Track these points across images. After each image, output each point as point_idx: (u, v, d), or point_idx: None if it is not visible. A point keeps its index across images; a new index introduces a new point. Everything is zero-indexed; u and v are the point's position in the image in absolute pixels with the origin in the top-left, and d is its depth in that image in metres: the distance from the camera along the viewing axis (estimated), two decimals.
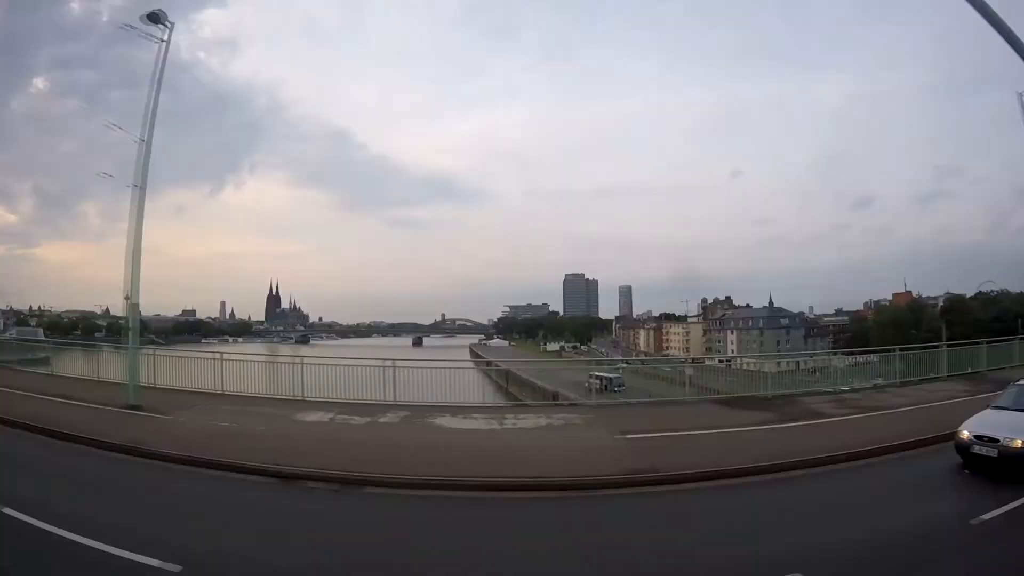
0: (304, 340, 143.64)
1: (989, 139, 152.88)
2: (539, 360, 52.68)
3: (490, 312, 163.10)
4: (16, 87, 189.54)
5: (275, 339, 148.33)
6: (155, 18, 12.38)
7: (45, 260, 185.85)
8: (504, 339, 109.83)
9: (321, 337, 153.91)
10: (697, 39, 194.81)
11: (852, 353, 28.59)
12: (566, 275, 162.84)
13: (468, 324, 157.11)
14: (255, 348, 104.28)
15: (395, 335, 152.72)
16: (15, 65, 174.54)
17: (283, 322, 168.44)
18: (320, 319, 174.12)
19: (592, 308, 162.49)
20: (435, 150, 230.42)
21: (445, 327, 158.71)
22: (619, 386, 30.55)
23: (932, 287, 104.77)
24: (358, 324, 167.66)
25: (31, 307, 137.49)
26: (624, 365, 46.18)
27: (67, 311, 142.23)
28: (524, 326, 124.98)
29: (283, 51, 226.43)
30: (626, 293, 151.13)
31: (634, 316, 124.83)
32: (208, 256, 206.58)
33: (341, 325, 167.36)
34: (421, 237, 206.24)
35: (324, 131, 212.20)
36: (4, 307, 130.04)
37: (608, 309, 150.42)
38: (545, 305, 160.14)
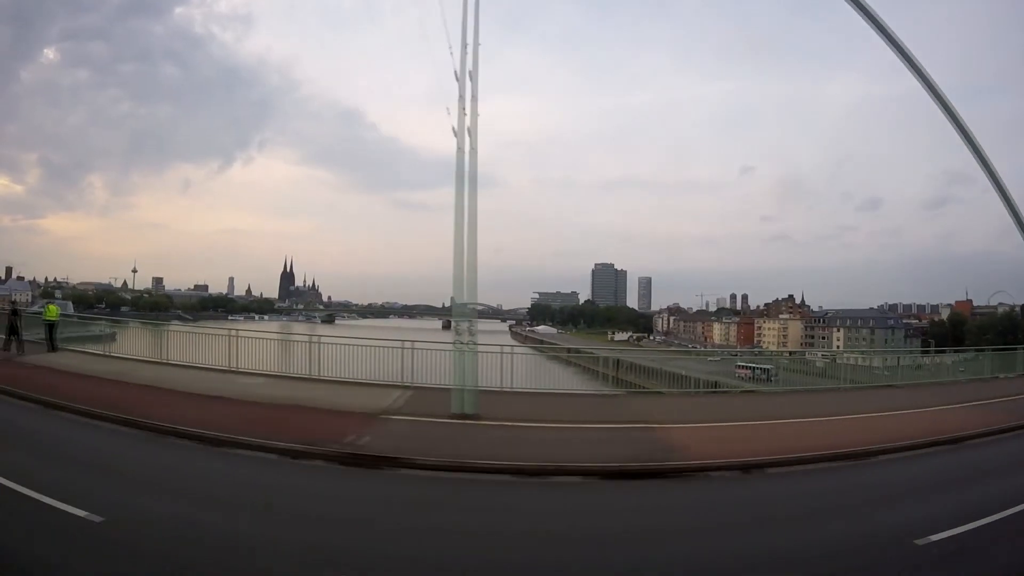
0: (330, 319, 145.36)
1: (1001, 145, 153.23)
2: (643, 349, 53.65)
3: (498, 297, 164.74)
4: (27, 58, 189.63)
5: (300, 317, 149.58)
6: None
7: (50, 232, 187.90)
8: (552, 326, 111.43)
9: (343, 317, 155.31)
10: (709, 34, 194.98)
11: (1001, 350, 30.64)
12: (595, 264, 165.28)
13: (480, 308, 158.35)
14: (301, 327, 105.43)
15: (410, 316, 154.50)
16: (26, 36, 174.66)
17: (301, 300, 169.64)
18: (330, 298, 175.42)
19: (620, 298, 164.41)
20: (445, 134, 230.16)
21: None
22: (774, 375, 31.49)
23: (937, 294, 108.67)
24: (369, 304, 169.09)
25: (46, 279, 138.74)
26: (728, 355, 47.00)
27: (82, 283, 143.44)
28: (566, 314, 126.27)
29: (297, 28, 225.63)
30: (645, 285, 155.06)
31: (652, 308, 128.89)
32: (214, 232, 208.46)
33: (356, 305, 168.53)
34: (428, 220, 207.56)
35: (335, 111, 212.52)
36: (28, 279, 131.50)
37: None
38: (575, 293, 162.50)
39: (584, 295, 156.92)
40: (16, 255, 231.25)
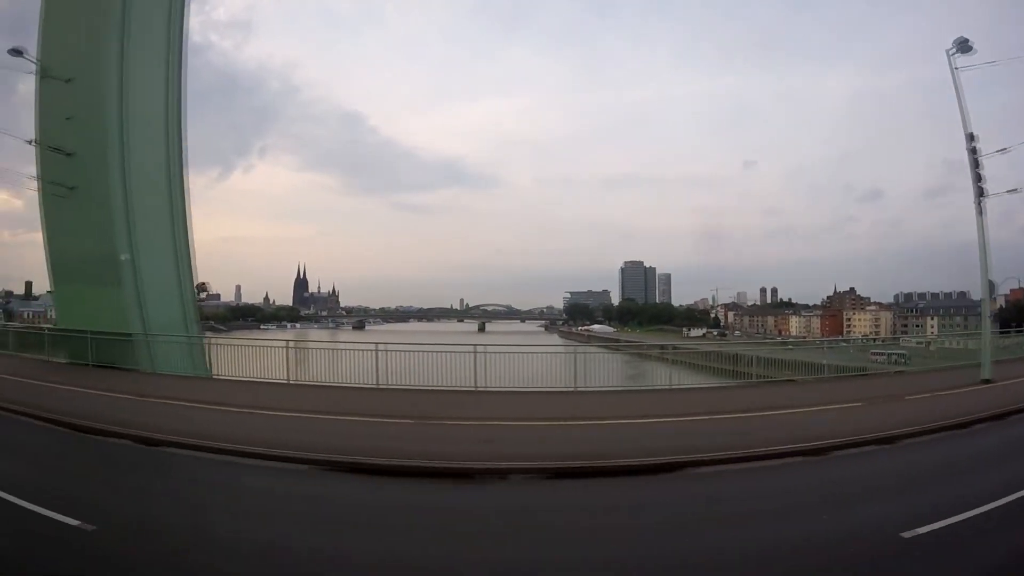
0: (360, 326, 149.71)
1: (998, 134, 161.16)
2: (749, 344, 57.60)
3: (507, 298, 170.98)
4: (23, 68, 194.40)
5: (330, 324, 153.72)
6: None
7: None
8: (606, 325, 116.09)
9: (369, 322, 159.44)
10: (709, 29, 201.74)
11: None
12: (625, 262, 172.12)
13: (490, 308, 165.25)
14: (360, 336, 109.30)
15: (428, 320, 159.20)
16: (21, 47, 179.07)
17: (322, 307, 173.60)
18: (337, 303, 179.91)
19: (650, 296, 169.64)
20: (445, 135, 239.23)
21: (473, 312, 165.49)
22: (908, 360, 35.63)
23: (936, 283, 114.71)
24: (382, 308, 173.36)
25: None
26: (834, 345, 51.07)
27: None
28: (613, 313, 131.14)
29: (297, 33, 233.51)
30: (665, 281, 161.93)
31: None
32: (215, 240, 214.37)
33: (372, 309, 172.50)
34: (431, 222, 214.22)
35: (336, 115, 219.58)
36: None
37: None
38: (606, 291, 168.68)
39: (605, 290, 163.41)
40: (17, 270, 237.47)
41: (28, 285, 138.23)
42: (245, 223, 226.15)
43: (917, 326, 73.67)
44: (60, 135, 17.84)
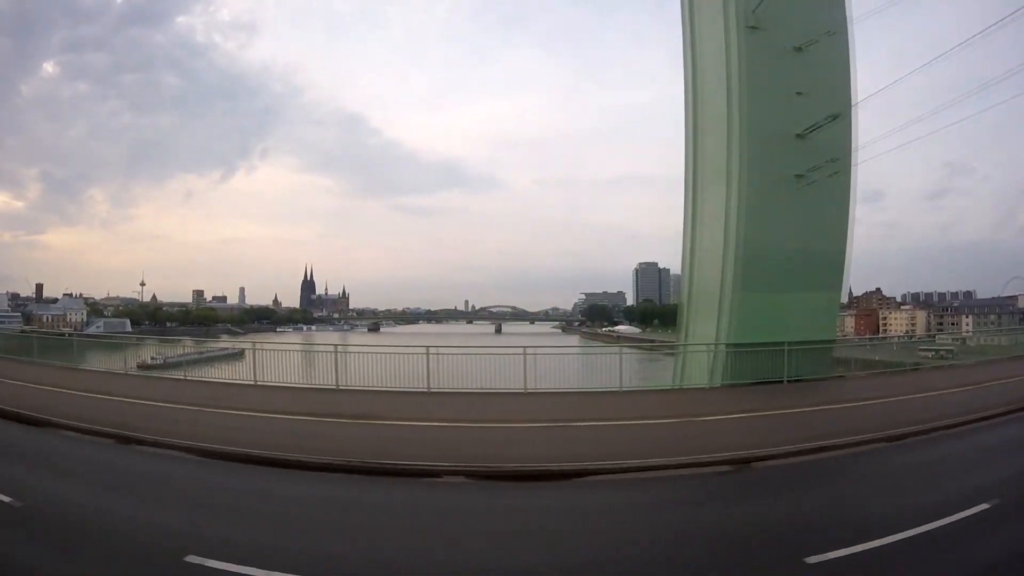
0: (376, 328, 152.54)
1: (996, 137, 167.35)
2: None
3: (510, 299, 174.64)
4: (26, 71, 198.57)
5: (344, 327, 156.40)
6: None
7: (51, 247, 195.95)
8: (634, 326, 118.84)
9: (383, 324, 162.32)
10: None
11: None
12: (639, 264, 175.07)
13: (495, 310, 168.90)
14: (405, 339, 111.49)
15: (437, 321, 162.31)
16: (25, 48, 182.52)
17: (330, 308, 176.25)
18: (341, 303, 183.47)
19: (664, 296, 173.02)
20: (446, 137, 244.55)
21: (481, 314, 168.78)
22: (955, 355, 38.48)
23: (937, 283, 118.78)
24: (388, 310, 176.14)
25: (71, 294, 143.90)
26: (875, 343, 53.84)
27: (105, 299, 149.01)
28: (634, 315, 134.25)
29: (301, 35, 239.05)
30: (677, 282, 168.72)
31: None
32: (217, 241, 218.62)
33: (378, 311, 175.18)
34: (433, 224, 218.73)
35: (338, 116, 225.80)
36: (75, 295, 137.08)
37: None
38: (620, 293, 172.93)
39: (620, 291, 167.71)
40: (18, 271, 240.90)
41: (39, 287, 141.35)
42: (247, 225, 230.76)
43: (952, 324, 77.89)
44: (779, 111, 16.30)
